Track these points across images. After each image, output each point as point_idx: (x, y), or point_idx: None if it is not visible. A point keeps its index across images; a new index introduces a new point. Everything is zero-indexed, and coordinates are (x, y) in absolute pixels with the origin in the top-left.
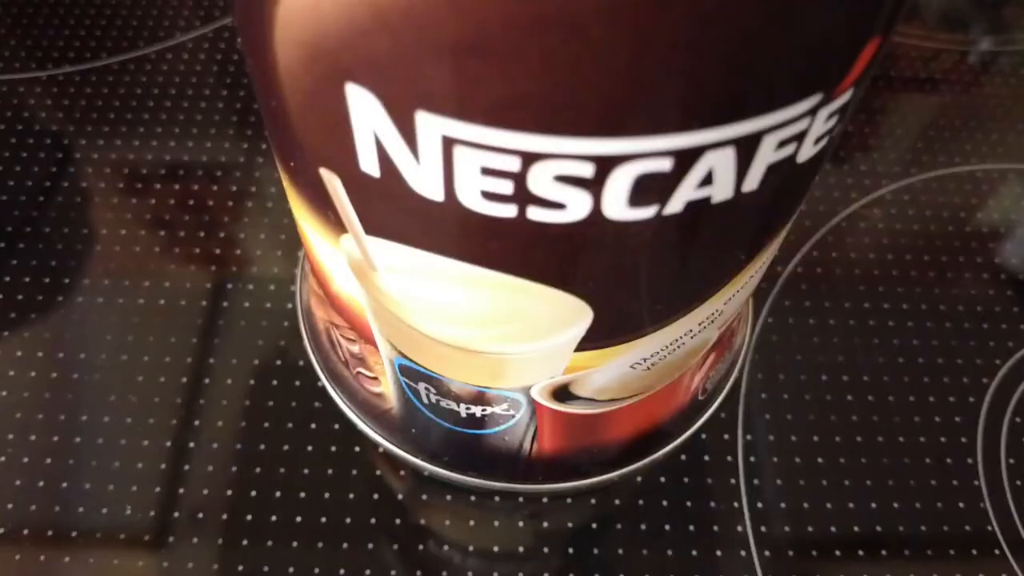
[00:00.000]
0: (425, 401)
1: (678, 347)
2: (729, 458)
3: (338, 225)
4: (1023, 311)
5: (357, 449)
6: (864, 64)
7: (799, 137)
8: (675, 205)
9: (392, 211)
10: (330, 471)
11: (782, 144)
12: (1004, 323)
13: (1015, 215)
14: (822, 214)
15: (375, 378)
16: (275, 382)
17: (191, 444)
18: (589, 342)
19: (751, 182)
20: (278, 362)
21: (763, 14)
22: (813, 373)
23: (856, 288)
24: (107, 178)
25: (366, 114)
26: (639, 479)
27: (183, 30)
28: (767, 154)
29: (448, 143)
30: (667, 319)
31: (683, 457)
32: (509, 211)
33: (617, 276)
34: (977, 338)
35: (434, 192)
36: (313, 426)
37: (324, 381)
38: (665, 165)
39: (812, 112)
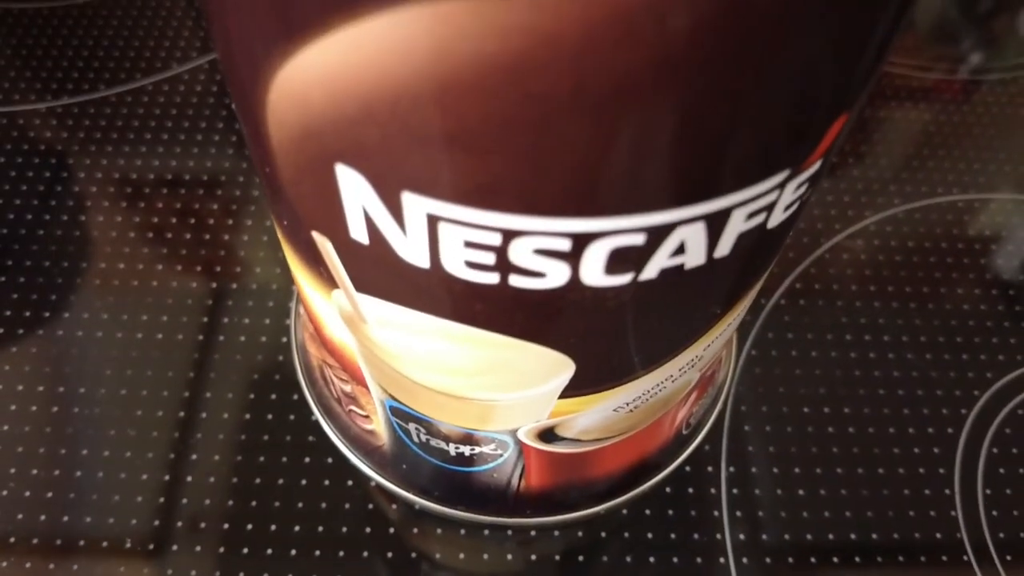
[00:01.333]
0: (416, 440)
1: (660, 390)
2: (712, 490)
3: (330, 281)
4: (1003, 342)
5: (350, 483)
6: (832, 138)
7: (769, 207)
8: (650, 272)
9: (381, 273)
10: (324, 504)
11: (752, 215)
12: (983, 354)
13: (995, 245)
14: (806, 246)
15: (367, 416)
16: (270, 416)
17: (188, 478)
18: (572, 390)
19: (722, 249)
20: (273, 396)
21: (731, 106)
22: (795, 405)
23: (838, 320)
24: (106, 192)
25: (355, 191)
26: (625, 511)
27: (180, 61)
28: (737, 225)
29: (433, 219)
30: (647, 368)
31: (668, 489)
32: (492, 278)
33: (596, 334)
34: (957, 369)
35: (420, 260)
36: (307, 460)
37: (318, 416)
38: (638, 240)
39: (781, 186)
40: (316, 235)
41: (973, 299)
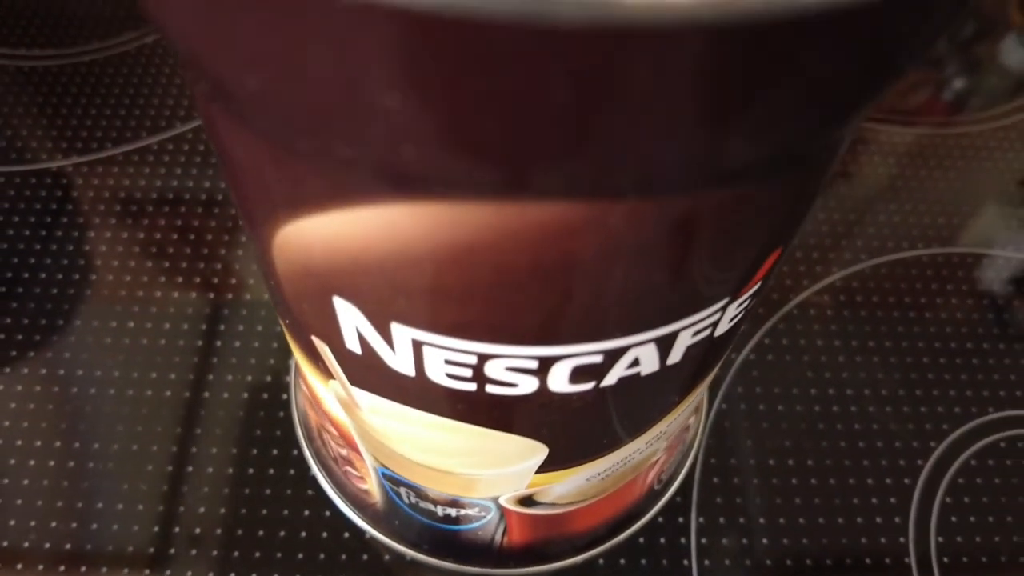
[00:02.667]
0: (406, 501)
1: (629, 461)
2: (683, 540)
3: (327, 372)
4: (959, 395)
5: (346, 535)
6: (767, 269)
7: (713, 324)
8: (609, 380)
9: (372, 375)
10: (322, 556)
11: (698, 332)
12: (939, 406)
13: (956, 299)
14: (775, 302)
15: (361, 477)
16: (272, 471)
17: (185, 536)
18: (546, 467)
19: (674, 358)
20: (274, 451)
21: (668, 272)
22: (761, 457)
23: (804, 374)
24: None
25: (350, 317)
26: (601, 561)
27: (183, 120)
28: (685, 340)
29: (417, 343)
30: (615, 448)
31: (641, 540)
32: (470, 387)
33: (565, 425)
34: (914, 421)
35: (407, 370)
36: (306, 513)
37: (316, 471)
38: (597, 359)
39: (722, 309)
40: (315, 339)
41: (932, 352)
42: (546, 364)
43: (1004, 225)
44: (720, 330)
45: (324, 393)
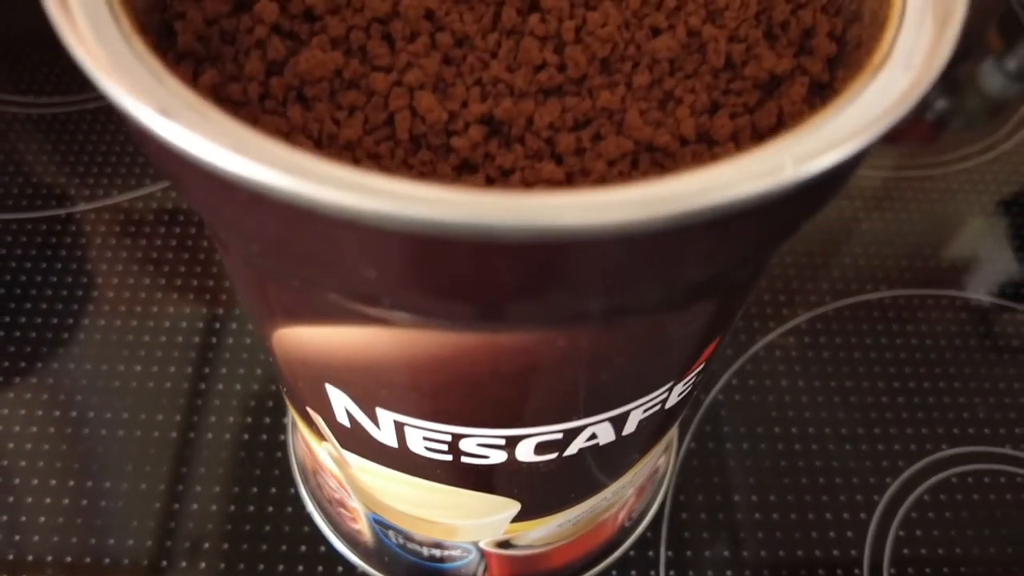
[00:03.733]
0: (395, 541)
1: (599, 506)
2: (652, 573)
3: (320, 435)
4: (915, 432)
5: (340, 569)
6: (708, 355)
7: (662, 401)
8: (571, 451)
9: (360, 444)
10: None
11: (648, 409)
12: (896, 444)
13: (915, 340)
14: (742, 343)
15: (353, 518)
16: (271, 508)
17: (186, 570)
18: (520, 518)
19: (628, 430)
20: (273, 490)
21: (613, 374)
22: (727, 494)
23: (768, 414)
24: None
25: (340, 399)
26: None
27: None
28: (637, 416)
29: (399, 424)
30: (583, 499)
31: (613, 573)
32: (447, 458)
33: (534, 486)
34: (872, 458)
35: (391, 443)
36: (303, 549)
37: (312, 510)
38: (558, 436)
39: (668, 390)
40: (309, 409)
41: (891, 392)
42: (513, 441)
43: (964, 268)
44: (670, 403)
45: (318, 449)
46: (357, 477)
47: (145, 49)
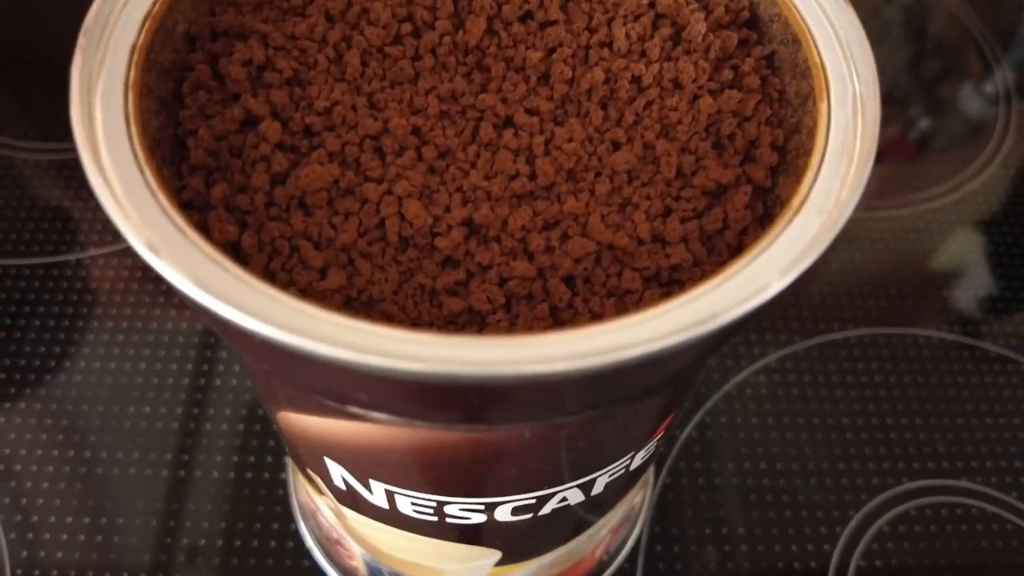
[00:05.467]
0: None
1: (576, 548)
2: None
3: (319, 490)
4: (877, 467)
5: None
6: (664, 428)
7: (626, 466)
8: (545, 511)
9: (355, 502)
10: None
11: (613, 474)
12: (859, 478)
13: (879, 377)
14: (715, 382)
15: (351, 556)
16: (273, 543)
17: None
18: (502, 563)
19: (597, 491)
20: (275, 526)
21: (577, 456)
22: (700, 527)
23: (739, 450)
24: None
25: (337, 469)
26: None
27: None
28: (604, 480)
29: (390, 491)
30: (560, 544)
31: None
32: (433, 518)
33: (512, 539)
34: (835, 492)
35: (383, 504)
36: None
37: (312, 546)
38: (532, 501)
39: (631, 457)
40: (309, 471)
41: (855, 428)
42: (491, 506)
43: (927, 307)
44: (635, 465)
45: (317, 498)
46: (352, 526)
47: (169, 205)
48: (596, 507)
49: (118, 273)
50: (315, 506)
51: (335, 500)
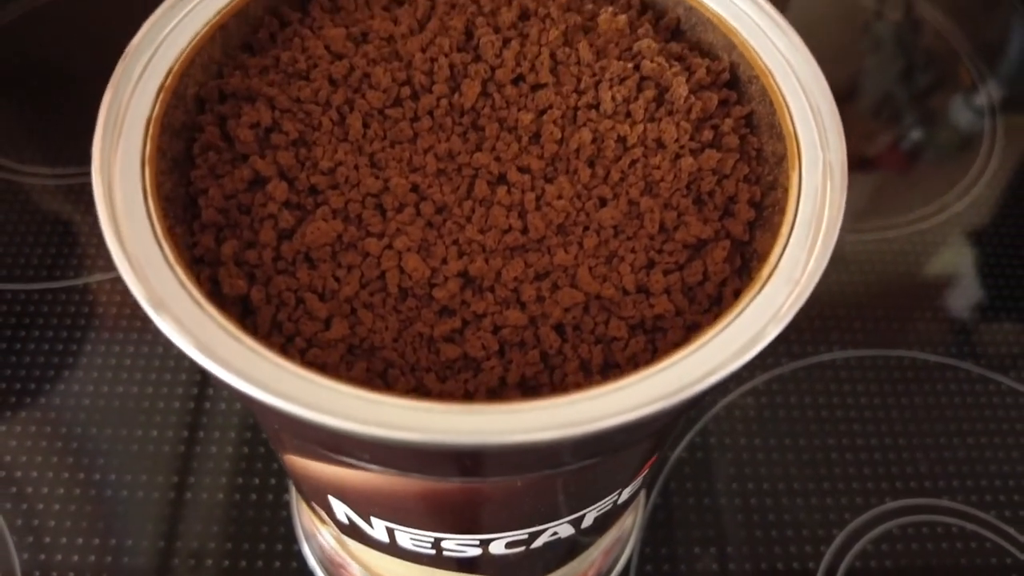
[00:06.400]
0: None
1: (567, 572)
2: None
3: (323, 520)
4: (861, 486)
5: None
6: (650, 465)
7: (614, 501)
8: (536, 544)
9: (357, 534)
10: None
11: (602, 509)
12: (843, 497)
13: (864, 399)
14: (704, 405)
15: None
16: (277, 563)
17: None
18: None
19: (586, 524)
20: (279, 546)
21: (560, 500)
22: (689, 546)
23: (727, 470)
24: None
25: (340, 506)
26: None
27: None
28: (593, 514)
29: (390, 528)
30: (553, 571)
31: None
32: (431, 551)
33: (507, 566)
34: (820, 511)
35: (383, 538)
36: None
37: (314, 566)
38: (524, 536)
39: (618, 494)
40: (313, 504)
41: (840, 449)
42: (485, 542)
43: (911, 328)
44: (622, 500)
45: (320, 525)
46: (354, 552)
47: (187, 279)
48: (585, 538)
49: (124, 298)
50: (317, 530)
51: (338, 530)
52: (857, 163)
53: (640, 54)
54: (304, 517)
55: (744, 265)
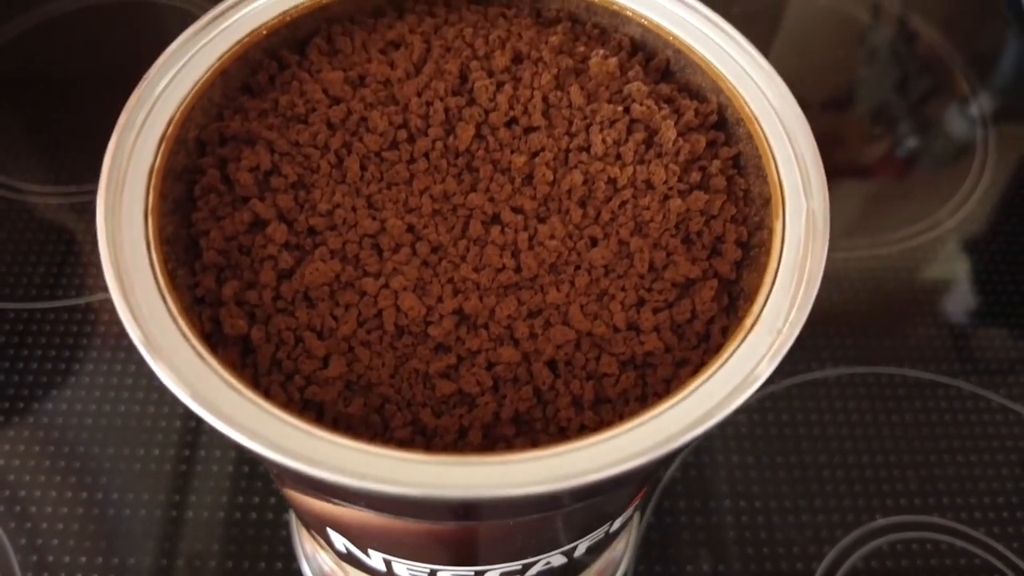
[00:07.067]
0: None
1: None
2: None
3: (322, 546)
4: (852, 504)
5: None
6: (638, 500)
7: (606, 531)
8: (530, 573)
9: (355, 563)
10: None
11: (594, 539)
12: (834, 515)
13: (856, 415)
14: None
15: None
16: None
17: None
18: None
19: (579, 554)
20: (279, 565)
21: (559, 529)
22: (682, 565)
23: (720, 489)
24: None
25: (339, 538)
26: None
27: None
28: (585, 544)
29: (387, 559)
30: None
31: None
32: None
33: None
34: (811, 528)
35: (380, 568)
36: None
37: None
38: (518, 567)
39: (610, 523)
40: (312, 532)
41: (831, 466)
42: (480, 573)
43: (902, 344)
44: (614, 529)
45: (319, 550)
46: (351, 573)
47: (189, 330)
48: (580, 564)
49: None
50: (317, 551)
51: (336, 558)
52: (853, 170)
53: (630, 97)
54: (304, 536)
55: (731, 303)
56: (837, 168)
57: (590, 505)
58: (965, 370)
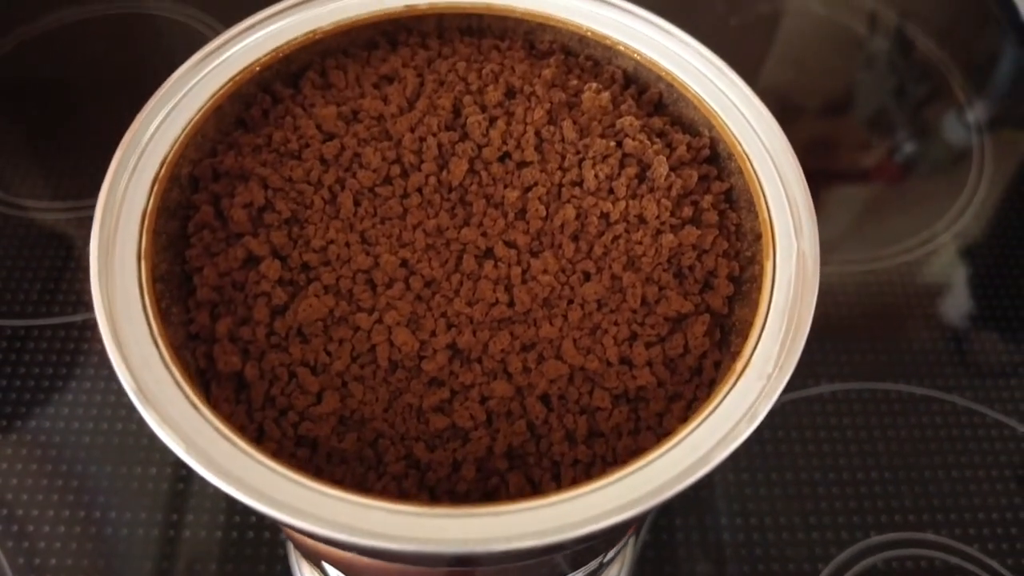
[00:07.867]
0: None
1: None
2: None
3: (319, 572)
4: (846, 521)
5: None
6: (627, 535)
7: (599, 561)
8: None
9: None
10: None
11: (588, 568)
12: (829, 532)
13: (851, 432)
14: None
15: None
16: None
17: None
18: None
19: None
20: (278, 569)
21: (562, 560)
22: None
23: (715, 504)
24: None
25: (334, 572)
26: None
27: None
28: (580, 574)
29: None
30: None
31: None
32: None
33: None
34: (806, 545)
35: None
36: None
37: None
38: None
39: (603, 556)
40: (309, 563)
41: (826, 483)
42: None
43: (897, 360)
44: (608, 559)
45: (316, 570)
46: None
47: (181, 376)
48: None
49: None
50: (314, 570)
51: None
52: (851, 177)
53: (623, 131)
54: (301, 557)
55: (724, 338)
56: (834, 175)
57: (586, 546)
58: (960, 385)
